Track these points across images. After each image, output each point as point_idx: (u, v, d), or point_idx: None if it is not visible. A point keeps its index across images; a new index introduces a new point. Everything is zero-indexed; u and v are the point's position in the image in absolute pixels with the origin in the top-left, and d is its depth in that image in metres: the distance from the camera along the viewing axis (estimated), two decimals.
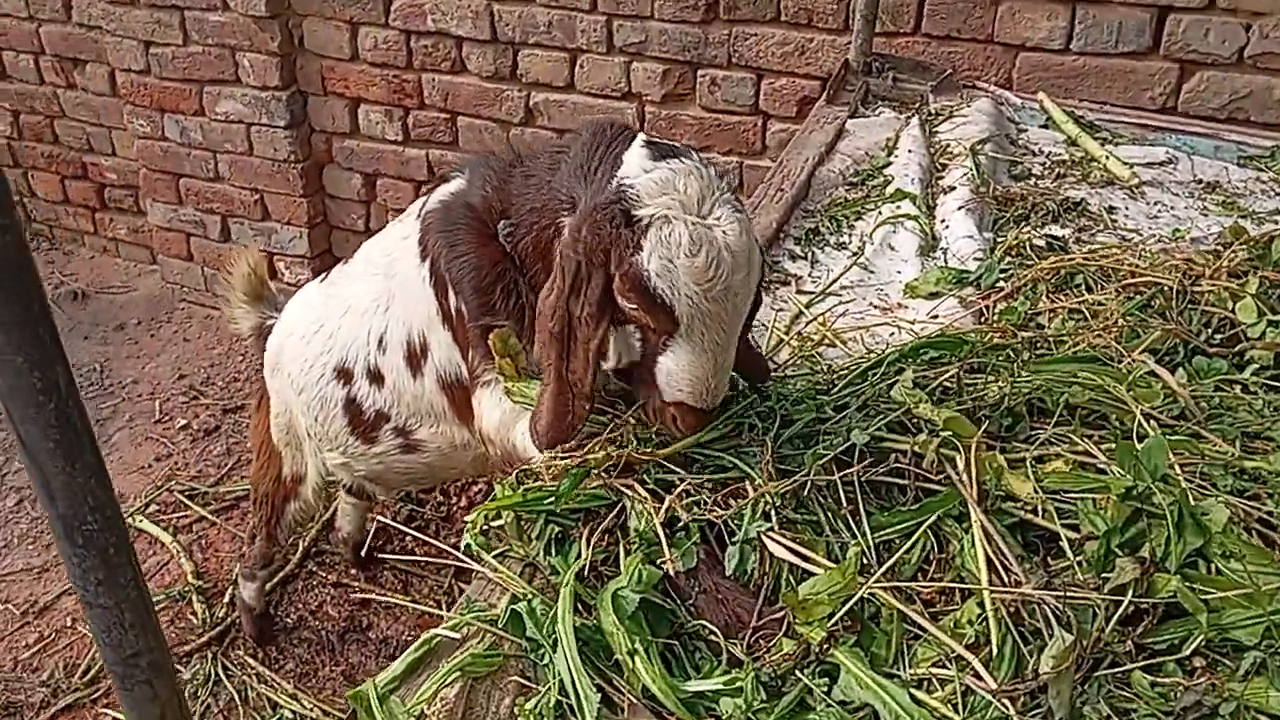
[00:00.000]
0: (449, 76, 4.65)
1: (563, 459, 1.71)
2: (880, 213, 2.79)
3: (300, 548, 3.94)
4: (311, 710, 3.24)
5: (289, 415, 2.70)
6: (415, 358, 2.10)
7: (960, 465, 1.60)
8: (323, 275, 2.59)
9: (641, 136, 1.70)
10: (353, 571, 3.89)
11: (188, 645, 3.58)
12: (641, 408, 1.77)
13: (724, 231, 1.57)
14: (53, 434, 0.84)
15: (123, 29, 5.09)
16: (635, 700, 1.43)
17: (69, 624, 3.69)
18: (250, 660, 3.52)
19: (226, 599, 3.75)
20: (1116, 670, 1.36)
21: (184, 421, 4.80)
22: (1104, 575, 1.45)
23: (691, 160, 1.63)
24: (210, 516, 4.18)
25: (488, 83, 4.58)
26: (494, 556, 1.69)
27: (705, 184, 1.59)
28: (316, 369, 2.39)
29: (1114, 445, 1.64)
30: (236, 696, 3.39)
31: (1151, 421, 1.75)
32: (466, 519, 1.75)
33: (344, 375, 2.31)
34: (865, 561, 1.52)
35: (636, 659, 1.43)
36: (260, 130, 5.05)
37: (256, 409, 3.02)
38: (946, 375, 1.85)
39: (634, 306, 1.59)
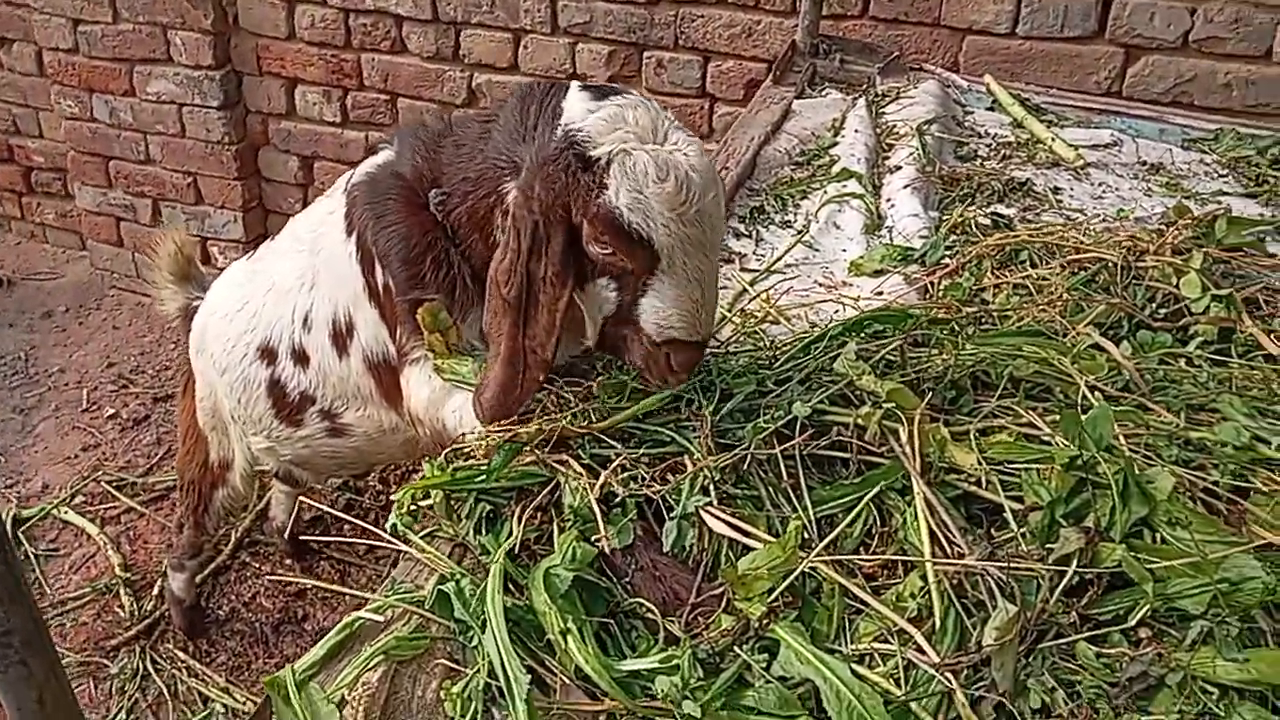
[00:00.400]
0: (389, 56, 4.55)
1: (495, 433, 1.64)
2: (826, 192, 2.76)
3: (233, 538, 3.84)
4: (244, 704, 3.14)
5: (214, 398, 2.60)
6: (341, 337, 2.02)
7: (903, 437, 1.56)
8: (251, 253, 2.49)
9: (575, 84, 1.64)
10: (287, 562, 3.78)
11: (115, 639, 3.47)
12: (619, 363, 1.72)
13: (685, 155, 1.52)
14: None
15: (50, 6, 4.92)
16: (568, 681, 1.37)
17: None
18: (180, 654, 3.41)
19: (155, 591, 3.64)
20: (1061, 641, 1.33)
21: (112, 411, 4.66)
22: (1048, 546, 1.42)
23: (633, 95, 1.59)
24: (139, 507, 4.05)
25: (429, 63, 4.49)
26: (422, 537, 1.62)
27: (654, 114, 1.55)
28: (239, 348, 2.30)
29: (1058, 417, 1.60)
30: (166, 691, 3.28)
31: (1096, 393, 1.72)
32: (393, 498, 1.69)
33: (268, 355, 2.22)
34: (806, 535, 1.48)
35: (569, 638, 1.38)
36: (193, 111, 4.91)
37: (183, 393, 2.91)
38: (890, 348, 1.81)
39: (608, 251, 1.53)
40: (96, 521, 3.97)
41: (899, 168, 2.85)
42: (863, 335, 1.91)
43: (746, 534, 1.48)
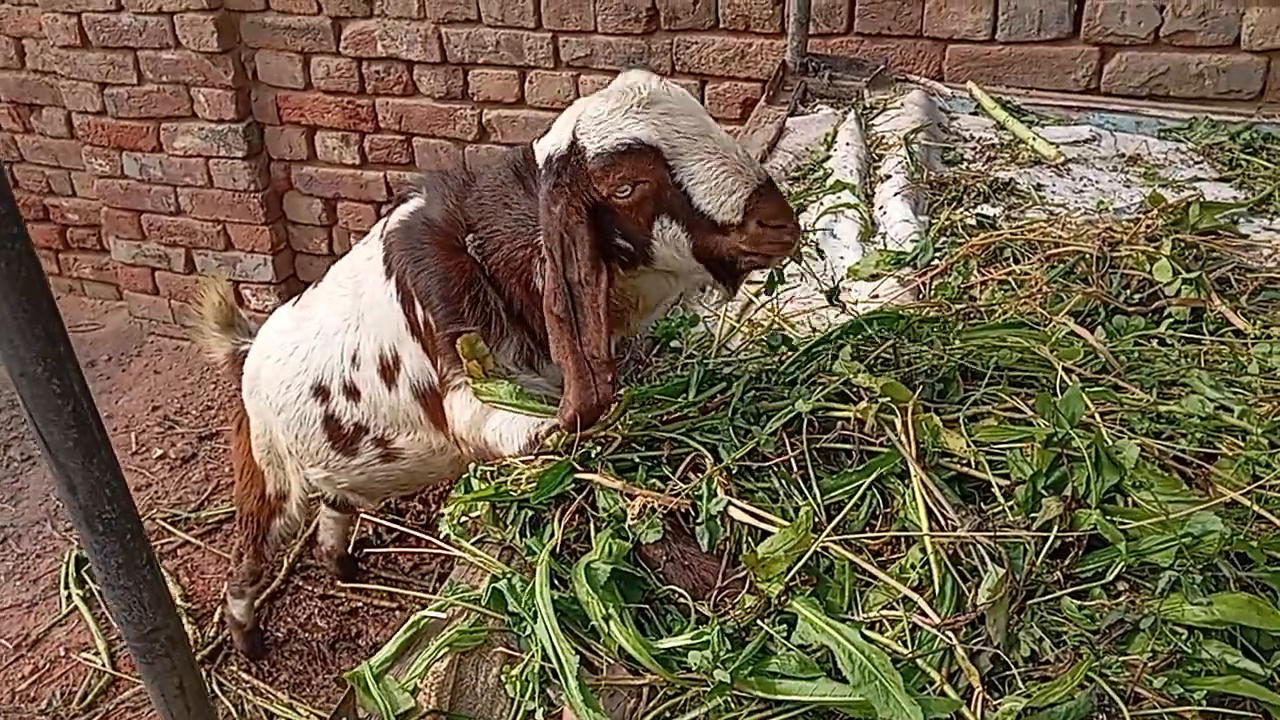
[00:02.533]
0: (402, 99, 4.77)
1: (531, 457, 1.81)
2: (822, 203, 2.93)
3: (285, 564, 4.03)
4: (308, 717, 3.32)
5: (270, 435, 2.79)
6: (388, 370, 2.20)
7: (899, 427, 1.73)
8: (294, 299, 2.69)
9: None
10: (338, 584, 3.98)
11: None
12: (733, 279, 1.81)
13: (634, 81, 1.69)
14: (72, 434, 0.93)
15: (77, 72, 5.17)
16: (613, 660, 1.54)
17: (63, 654, 3.75)
18: (244, 675, 3.61)
19: (216, 618, 3.84)
20: (1047, 598, 1.49)
21: (160, 451, 4.87)
22: (1032, 515, 1.58)
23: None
24: (194, 540, 4.26)
25: (440, 103, 4.70)
26: (472, 543, 1.80)
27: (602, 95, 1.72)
28: (294, 389, 2.48)
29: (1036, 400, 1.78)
30: (233, 710, 3.47)
31: (1073, 376, 1.89)
32: (443, 510, 1.86)
33: (321, 393, 2.41)
34: (817, 520, 1.64)
35: (611, 623, 1.54)
36: (219, 163, 5.14)
37: (237, 431, 3.11)
38: (884, 347, 1.99)
39: (628, 190, 1.65)
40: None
41: (889, 176, 3.02)
42: (859, 338, 2.08)
43: (765, 522, 1.65)
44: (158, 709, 1.12)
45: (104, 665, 3.67)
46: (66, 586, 4.05)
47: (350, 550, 4.01)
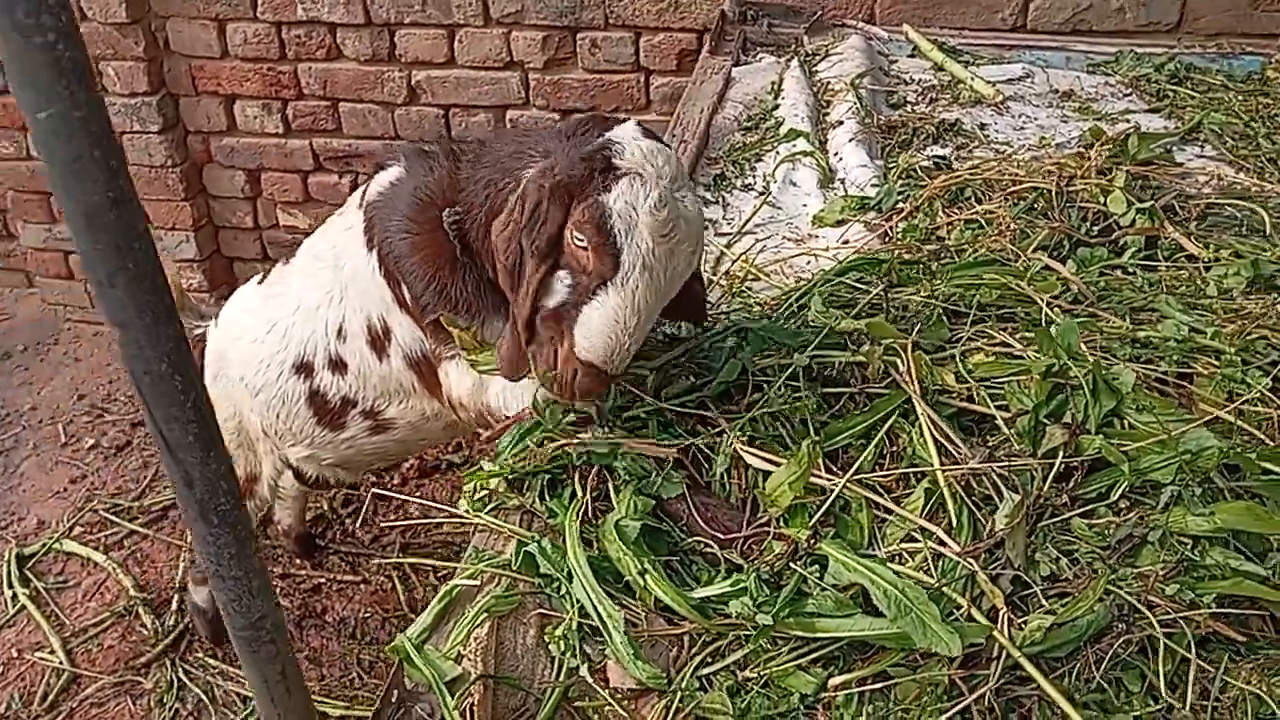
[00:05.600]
0: (325, 64, 4.63)
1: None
2: (778, 152, 2.97)
3: None
4: None
5: (239, 418, 2.73)
6: (378, 341, 2.17)
7: (901, 368, 1.80)
8: (259, 276, 2.63)
9: (634, 120, 1.81)
10: (298, 561, 3.93)
11: (143, 656, 3.58)
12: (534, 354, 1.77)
13: (686, 205, 1.69)
14: (192, 429, 0.92)
15: None
16: (647, 612, 1.58)
17: (15, 655, 3.64)
18: (211, 661, 3.55)
19: (174, 606, 3.75)
20: (1057, 519, 1.58)
21: (92, 441, 4.72)
22: (1036, 443, 1.67)
23: (674, 151, 1.76)
24: (140, 530, 4.14)
25: (366, 66, 4.58)
26: (488, 512, 1.82)
27: (678, 170, 1.72)
28: (274, 368, 2.43)
29: (1031, 334, 1.86)
30: (204, 697, 3.42)
31: (1054, 308, 1.98)
32: (464, 486, 1.87)
33: (304, 369, 2.36)
34: (829, 464, 1.70)
35: (647, 577, 1.58)
36: (133, 138, 4.92)
37: None
38: (875, 294, 2.04)
39: (583, 241, 1.64)
40: (100, 549, 4.05)
41: (841, 122, 3.07)
42: (842, 285, 2.14)
43: (775, 465, 1.70)
44: (257, 696, 1.12)
45: (61, 663, 3.57)
46: (10, 586, 3.91)
47: (306, 528, 3.97)
